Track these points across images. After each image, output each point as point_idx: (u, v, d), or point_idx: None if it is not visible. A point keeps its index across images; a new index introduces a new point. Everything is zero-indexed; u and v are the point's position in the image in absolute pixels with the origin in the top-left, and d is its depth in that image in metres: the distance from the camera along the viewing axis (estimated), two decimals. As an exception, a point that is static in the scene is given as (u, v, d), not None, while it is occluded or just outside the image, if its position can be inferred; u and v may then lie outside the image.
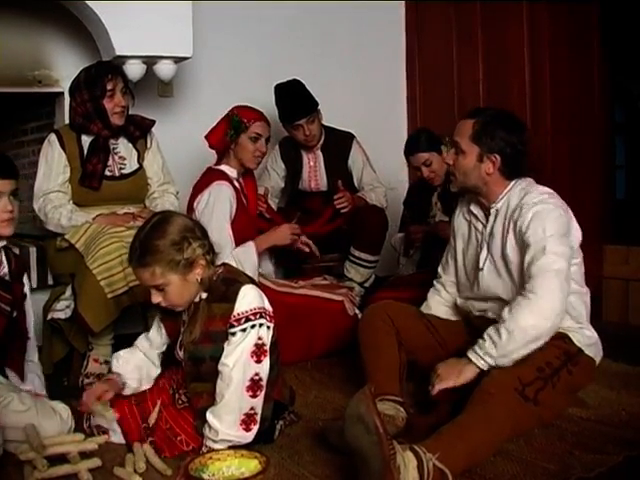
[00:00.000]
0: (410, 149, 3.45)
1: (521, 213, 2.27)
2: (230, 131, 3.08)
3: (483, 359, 2.18)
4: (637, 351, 3.00)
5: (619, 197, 5.80)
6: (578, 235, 2.35)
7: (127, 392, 2.25)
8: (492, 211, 2.40)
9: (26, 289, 2.42)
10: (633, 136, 7.58)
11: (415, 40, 4.61)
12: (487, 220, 2.43)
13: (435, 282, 2.68)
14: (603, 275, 3.63)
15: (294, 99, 3.67)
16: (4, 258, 2.32)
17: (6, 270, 2.30)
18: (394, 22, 4.60)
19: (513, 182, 2.38)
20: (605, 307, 2.56)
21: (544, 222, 2.22)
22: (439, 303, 2.64)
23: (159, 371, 2.32)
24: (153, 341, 2.31)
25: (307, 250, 3.29)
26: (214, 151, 3.20)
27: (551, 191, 2.35)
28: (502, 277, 2.37)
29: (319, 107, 3.71)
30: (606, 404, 2.43)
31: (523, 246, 2.26)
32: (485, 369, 2.18)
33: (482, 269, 2.41)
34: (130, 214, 2.95)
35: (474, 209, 2.48)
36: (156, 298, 2.10)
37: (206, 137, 3.15)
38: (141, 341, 2.33)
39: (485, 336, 2.20)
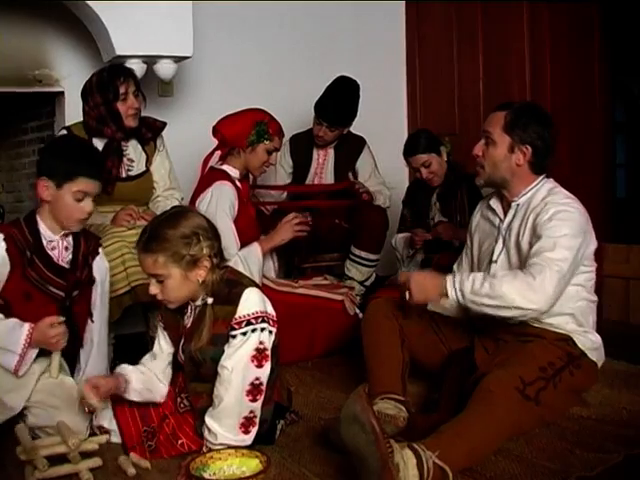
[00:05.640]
0: (409, 151, 3.46)
1: (544, 208, 2.28)
2: (252, 136, 3.04)
3: (455, 291, 2.19)
4: (638, 350, 3.00)
5: (619, 196, 5.81)
6: (593, 243, 2.36)
7: (128, 397, 2.19)
8: (513, 205, 2.41)
9: (96, 274, 2.43)
10: (634, 135, 7.58)
11: (415, 40, 4.61)
12: (506, 214, 2.43)
13: None
14: (603, 274, 3.63)
15: (337, 103, 3.63)
16: (71, 242, 2.38)
17: (70, 257, 2.36)
18: (394, 22, 4.60)
19: (539, 179, 2.39)
20: (605, 306, 2.56)
21: (564, 222, 2.23)
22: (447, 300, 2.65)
23: (165, 387, 2.25)
24: (158, 355, 2.26)
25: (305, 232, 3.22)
26: (216, 141, 3.14)
27: (575, 197, 2.36)
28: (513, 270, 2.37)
29: (350, 123, 3.72)
30: (607, 403, 2.43)
31: (535, 233, 2.27)
32: (451, 299, 2.20)
33: (495, 261, 2.42)
34: (130, 209, 2.94)
35: (493, 204, 2.48)
36: (154, 289, 2.08)
37: (218, 126, 3.09)
38: (146, 359, 2.28)
39: (471, 276, 2.21)
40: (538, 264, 2.17)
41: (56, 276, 2.31)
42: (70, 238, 2.37)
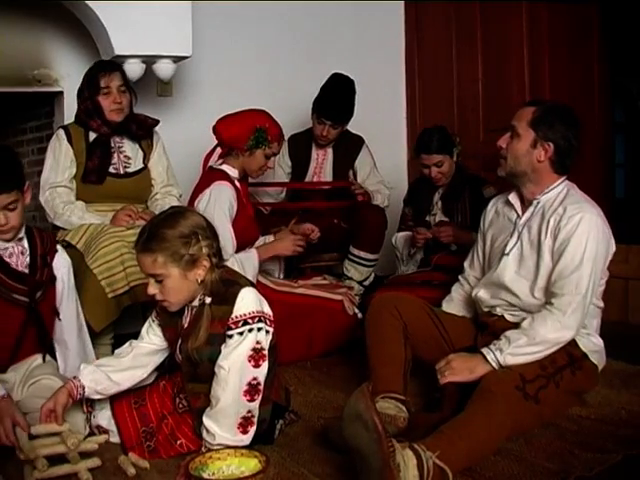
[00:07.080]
0: (424, 148, 3.38)
1: (565, 212, 2.30)
2: (250, 141, 3.01)
3: (494, 353, 2.21)
4: (637, 350, 3.00)
5: (619, 196, 5.80)
6: (613, 251, 2.39)
7: (93, 397, 2.19)
8: (534, 202, 2.41)
9: (57, 271, 2.42)
10: (633, 135, 7.60)
11: (415, 40, 4.61)
12: (524, 211, 2.44)
13: (460, 277, 2.72)
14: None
15: (338, 100, 3.64)
16: (27, 246, 2.35)
17: (27, 260, 2.34)
18: (394, 22, 4.60)
19: (561, 180, 2.40)
20: (605, 306, 2.57)
21: (587, 238, 2.26)
22: (461, 296, 2.67)
23: (143, 373, 2.25)
24: (144, 337, 2.24)
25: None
26: (216, 140, 3.12)
27: (592, 201, 2.38)
28: (524, 267, 2.39)
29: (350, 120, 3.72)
30: (606, 403, 2.43)
31: (558, 245, 2.29)
32: (494, 364, 2.20)
33: (508, 254, 2.43)
34: (129, 209, 2.95)
35: (512, 199, 2.49)
36: (152, 289, 2.07)
37: (217, 126, 3.06)
38: (124, 348, 2.27)
39: (502, 336, 2.25)
40: (565, 296, 2.23)
41: (18, 283, 2.30)
42: (24, 242, 2.35)
